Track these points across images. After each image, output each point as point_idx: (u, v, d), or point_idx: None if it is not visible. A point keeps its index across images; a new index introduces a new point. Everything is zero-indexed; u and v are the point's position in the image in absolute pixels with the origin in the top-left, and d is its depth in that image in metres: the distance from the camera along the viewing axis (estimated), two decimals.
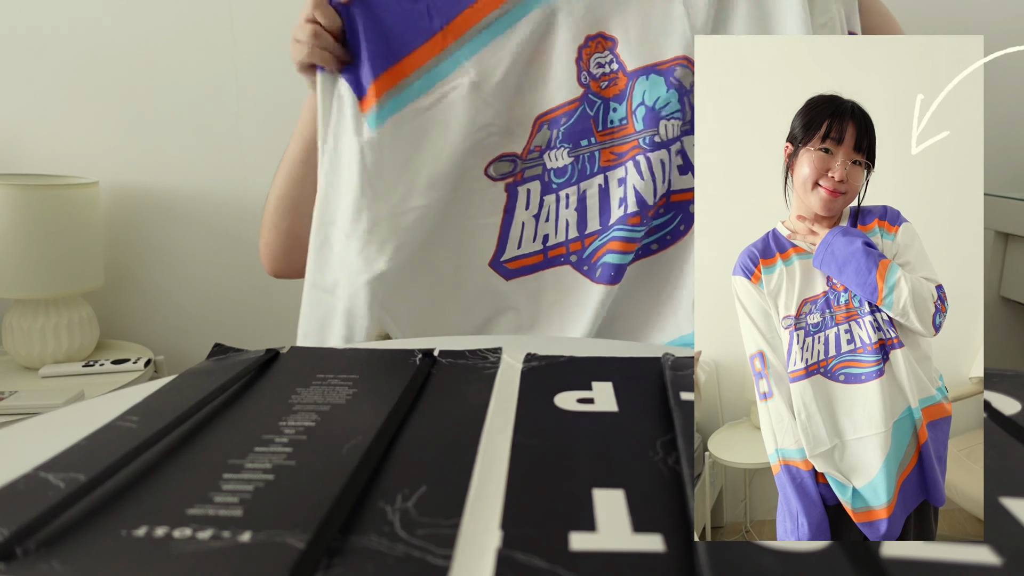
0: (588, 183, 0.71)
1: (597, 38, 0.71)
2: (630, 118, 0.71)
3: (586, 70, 0.71)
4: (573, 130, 0.71)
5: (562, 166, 0.72)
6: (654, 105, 0.70)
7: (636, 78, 0.70)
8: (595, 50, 0.71)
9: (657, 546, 0.24)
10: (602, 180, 0.71)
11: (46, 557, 0.24)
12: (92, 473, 0.29)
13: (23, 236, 1.26)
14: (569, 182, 0.72)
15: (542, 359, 0.45)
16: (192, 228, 1.54)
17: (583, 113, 0.71)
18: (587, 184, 0.71)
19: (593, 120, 0.71)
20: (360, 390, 0.40)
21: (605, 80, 0.71)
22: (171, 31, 1.47)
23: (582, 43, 0.71)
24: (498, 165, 0.73)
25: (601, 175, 0.71)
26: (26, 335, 1.32)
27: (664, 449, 0.32)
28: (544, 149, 0.72)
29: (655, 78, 0.70)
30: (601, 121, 0.71)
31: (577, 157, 0.71)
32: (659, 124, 0.70)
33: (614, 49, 0.71)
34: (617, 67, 0.71)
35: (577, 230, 0.72)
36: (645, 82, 0.70)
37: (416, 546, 0.24)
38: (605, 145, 0.71)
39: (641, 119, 0.70)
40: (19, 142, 1.50)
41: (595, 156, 0.71)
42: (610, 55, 0.71)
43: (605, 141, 0.71)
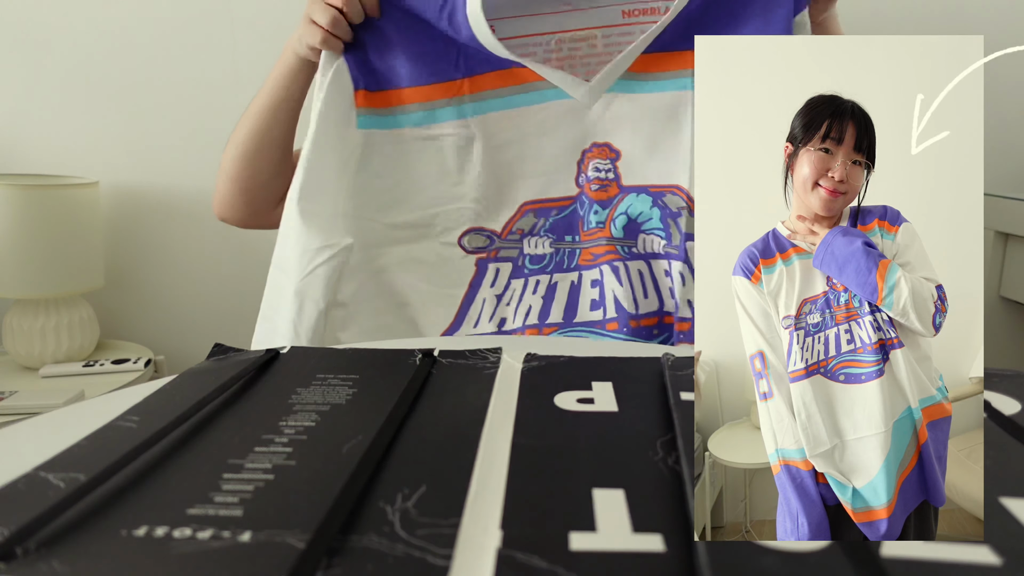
0: (562, 276, 0.70)
1: (604, 146, 0.71)
2: (608, 224, 0.71)
3: (585, 172, 0.71)
4: (561, 224, 0.71)
5: (541, 254, 0.71)
6: (635, 218, 0.70)
7: (627, 193, 0.71)
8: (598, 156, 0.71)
9: (657, 546, 0.24)
10: (576, 277, 0.70)
11: (46, 557, 0.24)
12: (92, 473, 0.29)
13: (23, 236, 1.26)
14: (544, 270, 0.71)
15: (542, 359, 0.45)
16: (192, 228, 1.54)
17: (574, 211, 0.71)
18: (561, 277, 0.70)
19: (581, 220, 0.71)
20: (360, 390, 0.40)
21: (598, 184, 0.71)
22: (171, 31, 1.47)
23: (587, 148, 0.71)
24: (472, 237, 0.72)
25: (576, 272, 0.70)
26: (26, 335, 1.32)
27: (664, 449, 0.32)
28: (525, 234, 0.71)
29: (644, 196, 0.70)
30: (586, 222, 0.71)
31: (558, 250, 0.71)
32: (638, 236, 0.70)
33: (615, 161, 0.71)
34: (613, 178, 0.71)
35: (538, 318, 0.70)
36: (634, 198, 0.71)
37: (416, 546, 0.24)
38: (587, 245, 0.71)
39: (620, 227, 0.70)
40: (19, 142, 1.50)
41: (575, 253, 0.71)
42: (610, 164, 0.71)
43: (587, 241, 0.71)
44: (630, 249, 0.70)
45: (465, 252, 0.72)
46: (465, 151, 0.70)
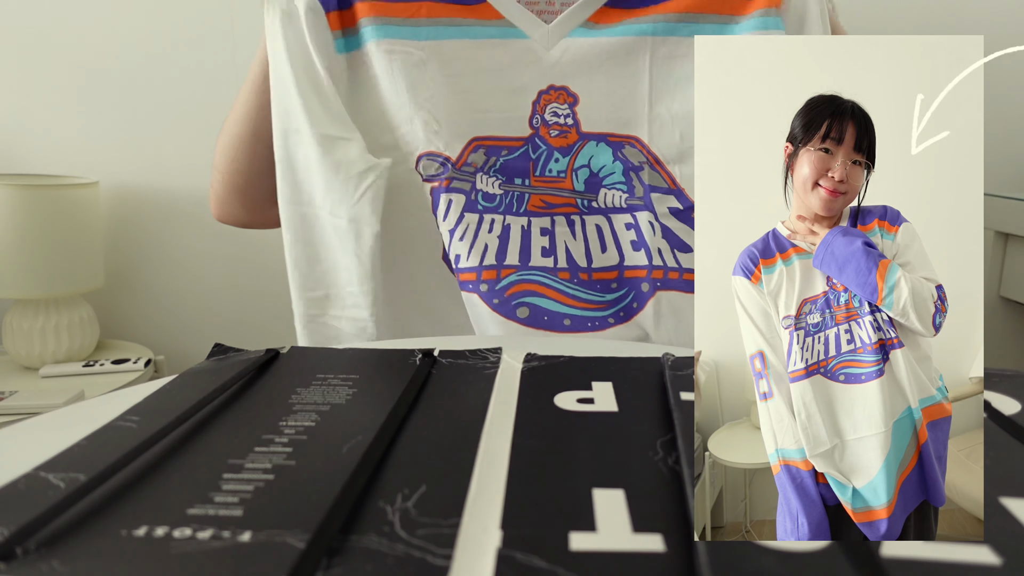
0: (514, 219, 0.69)
1: (561, 90, 0.70)
2: (569, 175, 0.69)
3: (540, 114, 0.70)
4: (511, 166, 0.69)
5: (492, 193, 0.70)
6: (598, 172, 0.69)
7: (586, 140, 0.69)
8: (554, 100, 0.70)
9: (657, 546, 0.24)
10: (525, 222, 0.69)
11: (46, 557, 0.24)
12: (92, 473, 0.29)
13: (23, 236, 1.26)
14: (496, 210, 0.69)
15: (542, 359, 0.45)
16: (192, 228, 1.54)
17: (525, 153, 0.70)
18: (512, 220, 0.69)
19: (532, 163, 0.69)
20: (360, 390, 0.40)
21: (556, 130, 0.69)
22: (171, 31, 1.47)
23: (544, 89, 0.70)
24: (426, 163, 0.69)
25: (526, 217, 0.69)
26: (26, 335, 1.32)
27: (664, 449, 0.32)
28: (478, 169, 0.70)
29: (604, 147, 0.69)
30: (540, 167, 0.69)
31: (507, 192, 0.69)
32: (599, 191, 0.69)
33: (573, 106, 0.70)
34: (572, 123, 0.69)
35: (495, 258, 0.69)
36: (594, 147, 0.69)
37: (416, 546, 0.24)
38: (536, 191, 0.69)
39: (582, 180, 0.69)
40: (19, 142, 1.50)
41: (524, 197, 0.69)
42: (568, 110, 0.70)
43: (538, 187, 0.69)
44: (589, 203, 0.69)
45: (421, 179, 0.70)
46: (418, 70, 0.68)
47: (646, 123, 0.69)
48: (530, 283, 0.69)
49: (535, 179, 0.69)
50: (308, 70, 0.67)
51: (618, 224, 0.69)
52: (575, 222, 0.69)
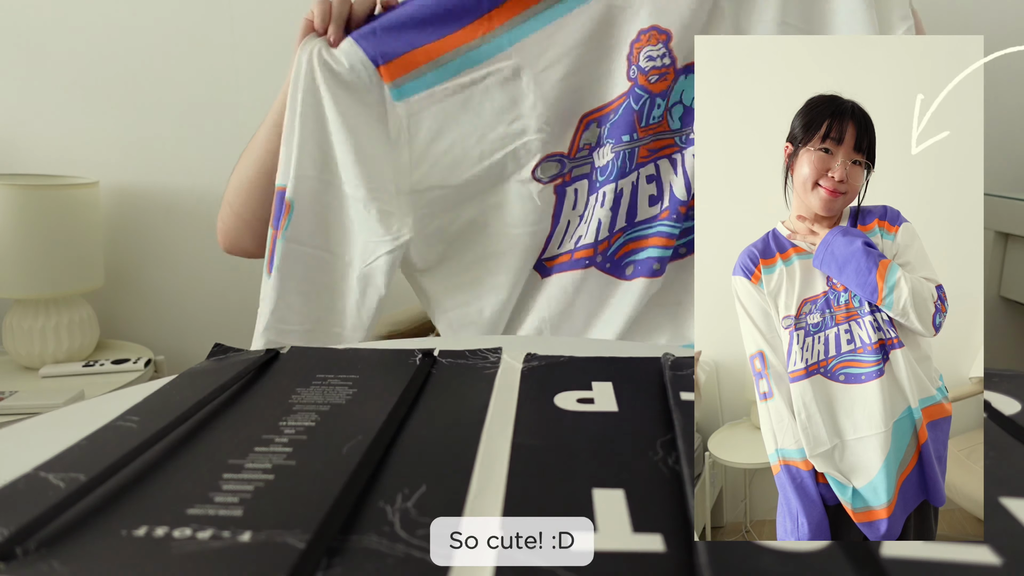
0: (625, 181, 0.69)
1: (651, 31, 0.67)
2: (665, 116, 0.69)
3: (635, 64, 0.68)
4: (618, 125, 0.69)
5: (605, 163, 0.70)
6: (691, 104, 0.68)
7: (681, 75, 0.68)
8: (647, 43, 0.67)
9: (657, 546, 0.24)
10: (635, 178, 0.70)
11: (46, 557, 0.24)
12: (92, 473, 0.29)
13: (23, 236, 1.26)
14: (609, 179, 0.70)
15: (542, 359, 0.45)
16: (192, 228, 1.54)
17: (627, 107, 0.68)
18: (624, 182, 0.69)
19: (637, 115, 0.68)
20: (360, 390, 0.40)
21: (655, 74, 0.68)
22: (171, 31, 1.47)
23: (634, 38, 0.68)
24: (545, 166, 0.70)
25: (635, 172, 0.69)
26: (26, 335, 1.32)
27: (664, 449, 0.32)
28: (593, 147, 0.70)
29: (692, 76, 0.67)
30: (645, 117, 0.68)
31: (618, 153, 0.69)
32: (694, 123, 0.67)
33: (667, 43, 0.67)
34: (669, 62, 0.67)
35: (608, 230, 0.70)
36: (685, 81, 0.68)
37: (416, 546, 0.24)
38: (644, 141, 0.69)
39: (678, 118, 0.69)
40: (19, 142, 1.50)
41: (634, 152, 0.69)
42: (663, 48, 0.67)
43: (645, 137, 0.69)
44: (687, 137, 0.69)
45: (542, 184, 0.70)
46: (513, 83, 0.68)
47: None
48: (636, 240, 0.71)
49: (642, 130, 0.68)
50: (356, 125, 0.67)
51: None
52: (676, 160, 0.69)
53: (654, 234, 0.71)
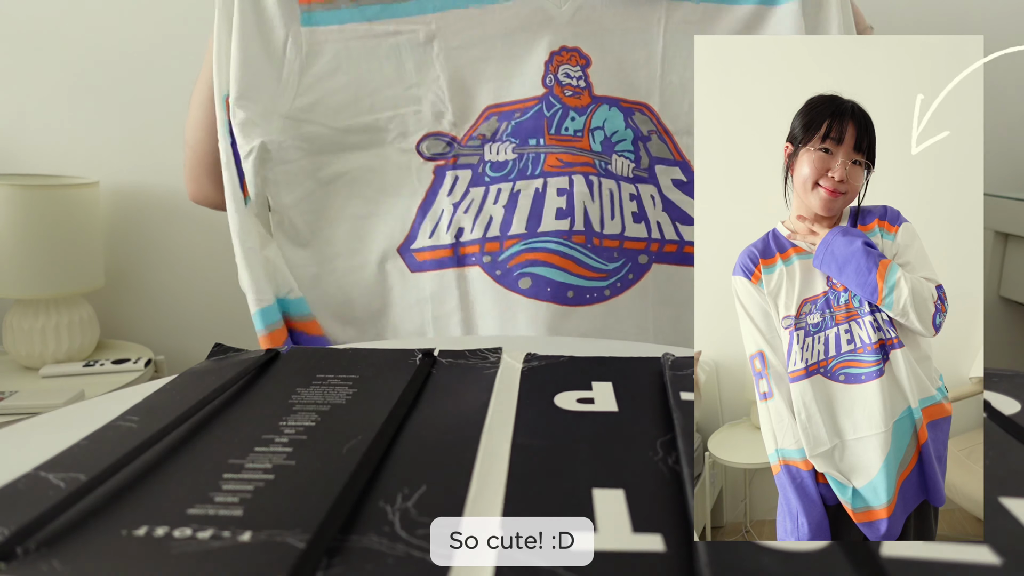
0: (526, 183, 0.68)
1: (573, 51, 0.68)
2: (587, 135, 0.68)
3: (553, 74, 0.68)
4: (524, 127, 0.68)
5: (503, 160, 0.68)
6: (611, 136, 0.68)
7: (600, 103, 0.68)
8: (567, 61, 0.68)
9: (657, 546, 0.24)
10: (541, 184, 0.68)
11: (46, 557, 0.24)
12: (92, 473, 0.29)
13: (23, 236, 1.26)
14: (506, 178, 0.68)
15: (542, 359, 0.45)
16: (192, 228, 1.54)
17: (539, 112, 0.68)
18: (524, 184, 0.68)
19: (547, 121, 0.68)
20: (360, 390, 0.40)
21: (570, 90, 0.68)
22: (171, 31, 1.47)
23: (556, 50, 0.68)
24: (431, 143, 0.68)
25: (541, 179, 0.68)
26: (26, 335, 1.32)
27: (664, 449, 0.32)
28: (487, 140, 0.68)
29: (616, 111, 0.68)
30: (556, 125, 0.68)
31: (521, 155, 0.68)
32: (613, 155, 0.68)
33: (586, 68, 0.68)
34: (584, 86, 0.68)
35: (499, 230, 0.68)
36: (607, 111, 0.68)
37: (416, 546, 0.24)
38: (553, 150, 0.68)
39: (598, 142, 0.68)
40: (19, 142, 1.50)
41: (540, 158, 0.68)
42: (580, 72, 0.68)
43: (554, 146, 0.68)
44: (605, 166, 0.68)
45: (423, 159, 0.69)
46: (424, 49, 0.67)
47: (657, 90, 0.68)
48: (537, 252, 0.67)
49: (551, 137, 0.68)
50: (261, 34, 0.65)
51: (624, 193, 0.68)
52: (594, 183, 0.67)
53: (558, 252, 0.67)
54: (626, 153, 0.68)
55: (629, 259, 0.69)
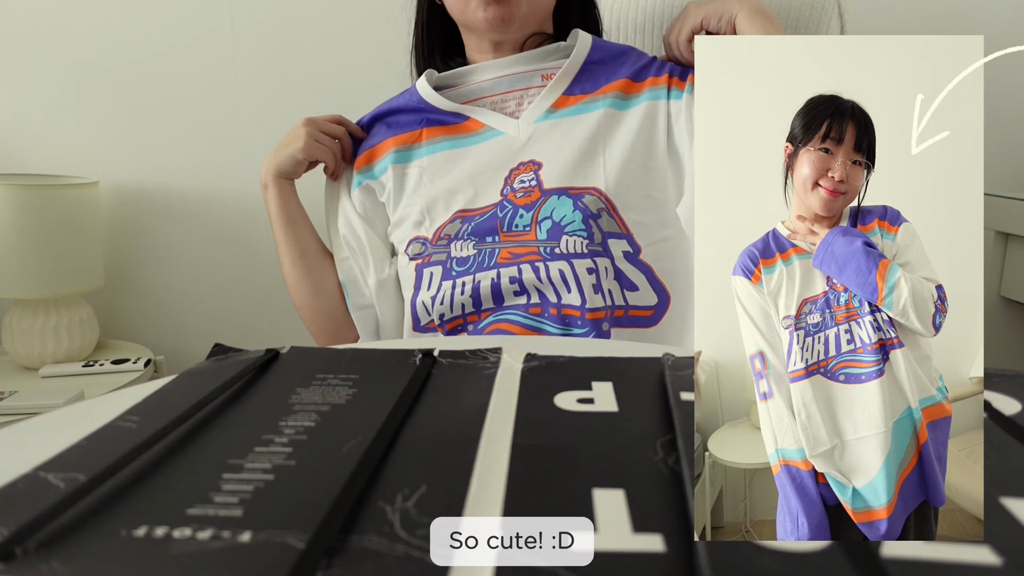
0: (483, 275, 0.78)
1: (528, 163, 0.81)
2: (534, 227, 0.77)
3: (510, 185, 0.81)
4: (482, 227, 0.79)
5: (466, 256, 0.79)
6: (559, 221, 0.77)
7: (549, 195, 0.78)
8: (522, 171, 0.81)
9: (657, 546, 0.24)
10: (495, 274, 0.77)
11: (46, 557, 0.24)
12: (92, 473, 0.29)
13: (23, 236, 1.26)
14: (468, 271, 0.78)
15: (542, 359, 0.45)
16: (192, 228, 1.54)
17: (494, 214, 0.79)
18: (482, 275, 0.78)
19: (500, 221, 0.79)
20: (360, 390, 0.40)
21: (522, 192, 0.80)
22: (171, 31, 1.47)
23: (515, 166, 0.81)
24: (414, 246, 0.83)
25: (495, 270, 0.77)
26: (26, 335, 1.32)
27: (664, 449, 0.32)
28: (452, 239, 0.80)
29: (564, 199, 0.78)
30: (507, 223, 0.78)
31: (480, 251, 0.78)
32: (561, 238, 0.76)
33: (538, 171, 0.80)
34: (535, 184, 0.79)
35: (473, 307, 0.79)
36: (556, 201, 0.78)
37: (416, 546, 0.24)
38: (505, 244, 0.78)
39: (545, 230, 0.77)
40: (19, 142, 1.50)
41: (495, 252, 0.78)
42: (533, 175, 0.80)
43: (506, 241, 0.78)
44: (552, 250, 0.76)
45: (408, 259, 0.83)
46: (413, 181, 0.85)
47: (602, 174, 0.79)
48: (505, 322, 0.77)
49: (503, 234, 0.79)
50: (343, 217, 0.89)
51: (580, 268, 0.75)
52: (539, 268, 0.76)
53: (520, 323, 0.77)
54: (578, 232, 0.77)
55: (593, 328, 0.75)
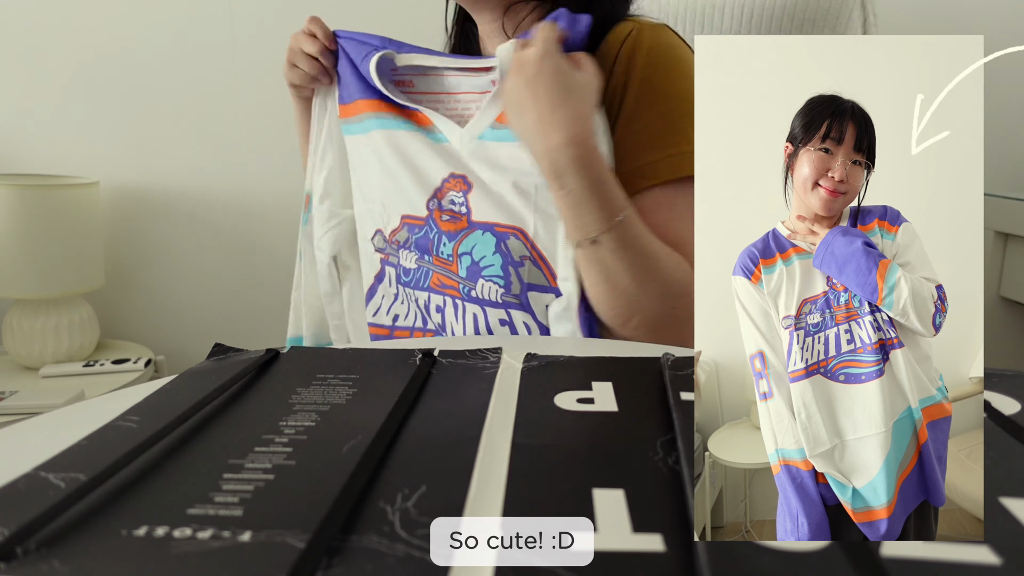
0: (420, 294, 0.75)
1: (460, 178, 0.73)
2: (455, 260, 0.71)
3: (439, 199, 0.73)
4: (421, 243, 0.74)
5: (408, 268, 0.76)
6: (478, 261, 0.70)
7: (474, 228, 0.71)
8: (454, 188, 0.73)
9: (657, 546, 0.24)
10: (426, 297, 0.74)
11: (46, 557, 0.24)
12: (92, 473, 0.29)
13: (23, 236, 1.26)
14: (408, 284, 0.76)
15: (542, 359, 0.45)
16: (192, 228, 1.54)
17: (426, 233, 0.74)
18: (419, 294, 0.75)
19: (431, 242, 0.73)
20: (360, 390, 0.40)
21: (448, 215, 0.73)
22: (171, 31, 1.47)
23: (446, 177, 0.74)
24: (377, 238, 0.79)
25: (426, 293, 0.74)
26: (26, 335, 1.32)
27: (664, 449, 0.32)
28: (400, 246, 0.76)
29: (488, 236, 0.70)
30: (436, 247, 0.73)
31: (419, 267, 0.75)
32: (478, 281, 0.70)
33: (467, 194, 0.72)
34: (465, 211, 0.72)
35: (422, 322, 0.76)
36: (479, 236, 0.70)
37: (416, 546, 0.24)
38: (437, 269, 0.73)
39: (464, 268, 0.71)
40: (19, 142, 1.50)
41: (429, 273, 0.74)
42: (463, 197, 0.72)
43: (437, 266, 0.73)
44: (469, 292, 0.70)
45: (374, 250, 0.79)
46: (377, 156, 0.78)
47: (532, 216, 0.69)
48: None
49: (435, 258, 0.73)
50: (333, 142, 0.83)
51: (492, 318, 0.69)
52: (458, 307, 0.71)
53: None
54: (494, 278, 0.69)
55: None
